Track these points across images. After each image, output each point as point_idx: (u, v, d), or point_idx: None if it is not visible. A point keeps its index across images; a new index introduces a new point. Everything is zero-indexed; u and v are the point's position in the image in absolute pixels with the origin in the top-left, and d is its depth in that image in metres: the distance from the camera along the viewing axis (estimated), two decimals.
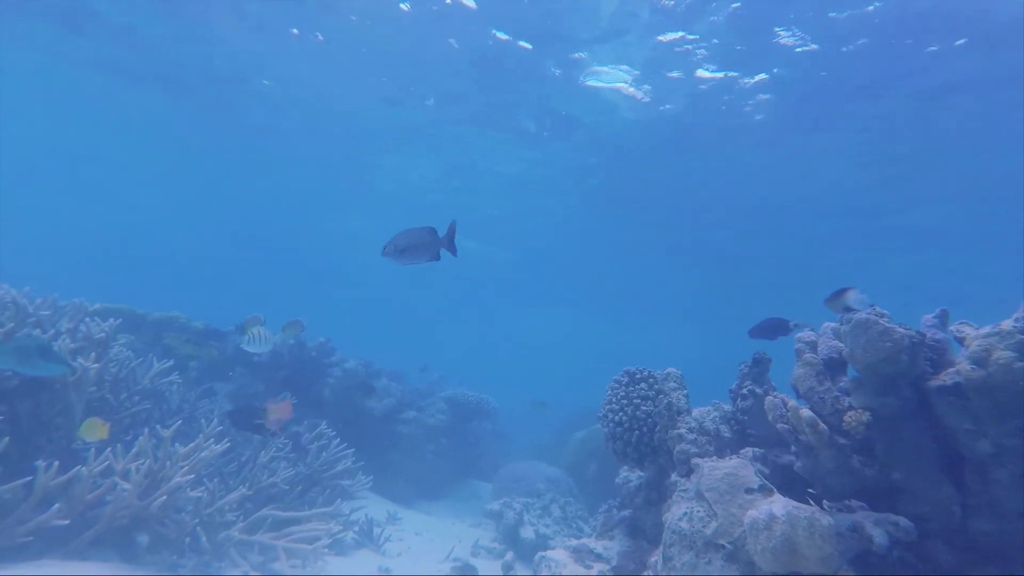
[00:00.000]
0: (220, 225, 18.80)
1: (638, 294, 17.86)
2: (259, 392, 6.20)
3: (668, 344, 26.31)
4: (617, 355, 25.77)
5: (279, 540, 3.54)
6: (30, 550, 2.70)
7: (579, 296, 19.70)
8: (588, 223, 12.51)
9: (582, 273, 16.46)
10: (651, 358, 3.45)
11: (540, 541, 4.52)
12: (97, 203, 18.55)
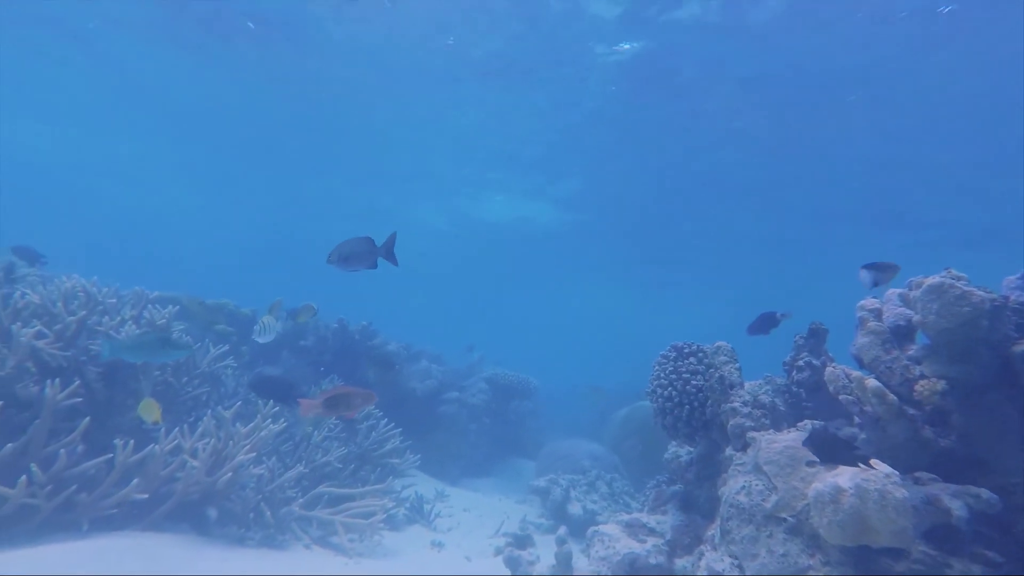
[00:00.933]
0: (260, 211, 19.12)
1: (676, 269, 17.55)
2: (306, 375, 6.40)
3: (701, 322, 25.84)
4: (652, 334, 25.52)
5: (336, 515, 3.68)
6: (114, 521, 2.88)
7: (615, 273, 19.48)
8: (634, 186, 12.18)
9: (618, 246, 16.22)
10: (686, 335, 3.39)
11: (588, 516, 4.55)
12: (131, 189, 19.12)
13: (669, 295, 22.80)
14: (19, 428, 2.66)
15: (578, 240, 15.96)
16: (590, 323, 36.65)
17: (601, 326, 36.81)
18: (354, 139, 11.80)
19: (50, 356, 2.85)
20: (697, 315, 24.53)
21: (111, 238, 28.27)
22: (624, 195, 12.36)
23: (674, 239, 14.79)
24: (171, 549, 2.83)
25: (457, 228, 16.59)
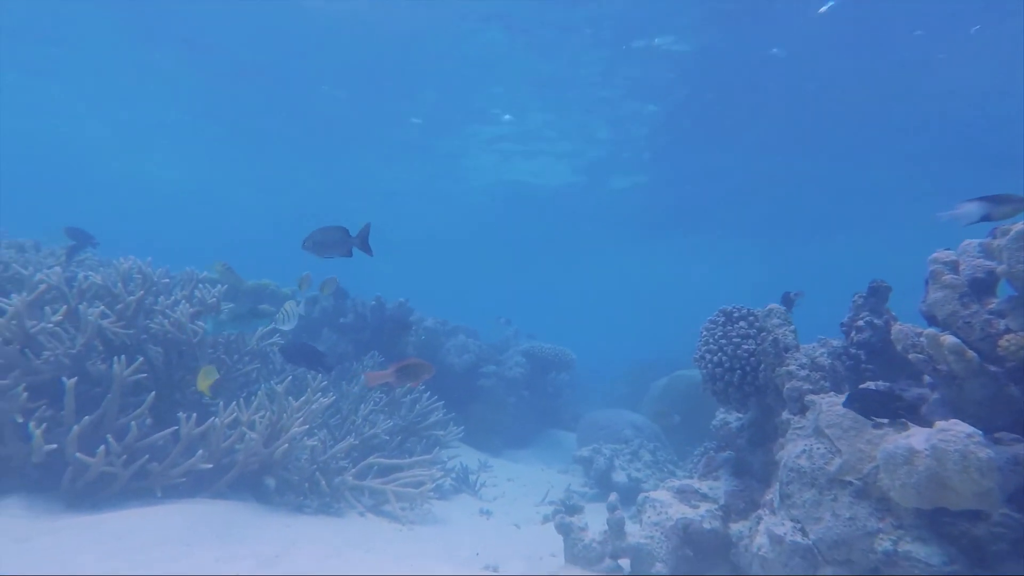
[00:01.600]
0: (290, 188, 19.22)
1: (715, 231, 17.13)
2: (347, 352, 6.53)
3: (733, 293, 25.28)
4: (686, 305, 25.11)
5: (387, 485, 3.77)
6: (183, 489, 3.03)
7: (651, 240, 19.15)
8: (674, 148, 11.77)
9: (656, 212, 15.87)
10: (721, 302, 3.31)
11: (633, 484, 4.56)
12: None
13: (703, 264, 22.35)
14: (92, 402, 2.79)
15: (616, 203, 15.57)
16: (623, 296, 36.35)
17: (633, 298, 36.48)
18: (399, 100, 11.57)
19: (114, 335, 2.97)
20: (728, 286, 24.02)
21: (143, 220, 28.92)
22: (677, 146, 11.78)
23: (724, 194, 14.21)
24: (239, 515, 2.96)
25: (490, 191, 16.22)
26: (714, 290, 25.99)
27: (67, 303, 2.77)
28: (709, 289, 26.05)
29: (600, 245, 20.67)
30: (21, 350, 2.56)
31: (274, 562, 2.23)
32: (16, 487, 2.57)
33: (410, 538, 3.26)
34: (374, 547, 2.96)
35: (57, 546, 2.15)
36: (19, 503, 2.47)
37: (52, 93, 12.98)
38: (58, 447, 2.50)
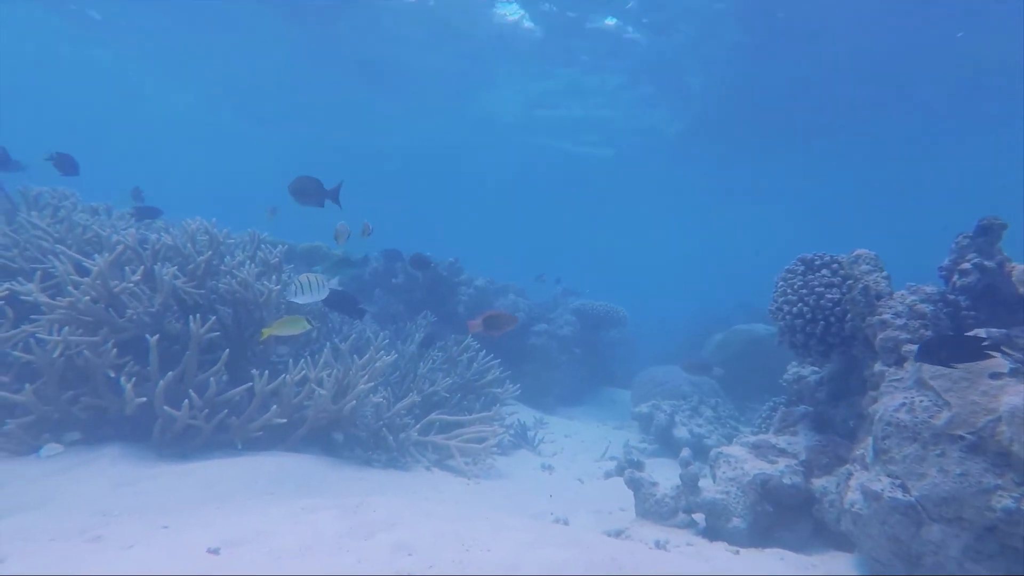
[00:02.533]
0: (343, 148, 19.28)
1: (763, 189, 16.31)
2: (400, 312, 6.61)
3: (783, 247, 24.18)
4: (736, 260, 24.12)
5: (451, 440, 3.82)
6: (260, 443, 3.14)
7: (696, 198, 18.46)
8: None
9: (705, 168, 15.19)
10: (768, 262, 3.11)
11: (695, 440, 4.47)
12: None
13: (750, 220, 21.41)
14: (170, 358, 2.90)
15: (664, 155, 14.94)
16: (671, 254, 35.49)
17: (681, 256, 35.57)
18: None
19: (186, 294, 3.05)
20: (774, 243, 22.99)
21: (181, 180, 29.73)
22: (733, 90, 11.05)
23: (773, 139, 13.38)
24: (314, 467, 3.06)
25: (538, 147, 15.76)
26: (761, 247, 24.98)
27: (143, 263, 2.84)
28: (757, 246, 25.04)
29: (647, 202, 20.04)
30: (106, 308, 2.66)
31: (356, 511, 2.28)
32: (112, 436, 2.73)
33: (477, 491, 3.31)
34: (445, 499, 3.01)
35: (159, 491, 2.27)
36: (118, 451, 2.61)
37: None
38: (147, 400, 2.61)
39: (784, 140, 13.19)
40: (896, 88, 10.19)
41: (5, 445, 2.42)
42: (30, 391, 2.43)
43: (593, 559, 1.92)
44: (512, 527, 2.31)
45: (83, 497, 2.14)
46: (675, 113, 12.62)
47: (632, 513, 2.98)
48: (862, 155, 13.76)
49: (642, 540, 2.54)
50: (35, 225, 2.94)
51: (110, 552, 1.61)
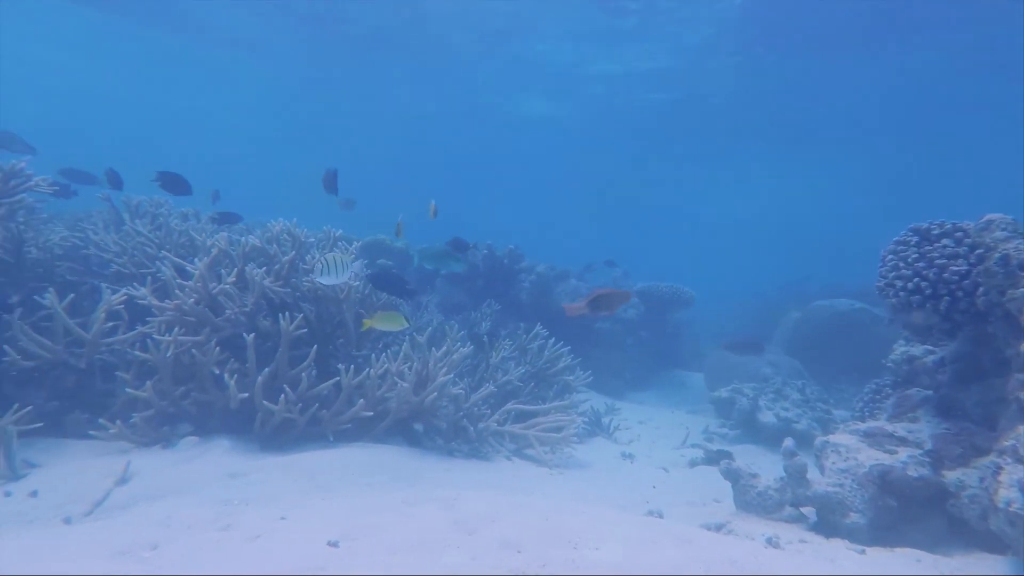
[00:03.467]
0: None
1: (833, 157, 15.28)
2: (463, 302, 6.64)
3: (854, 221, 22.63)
4: (801, 233, 22.82)
5: (528, 430, 3.79)
6: (349, 435, 3.22)
7: (759, 164, 17.53)
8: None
9: (768, 131, 14.33)
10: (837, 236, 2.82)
11: (783, 425, 4.25)
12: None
13: (814, 188, 20.13)
14: (263, 355, 2.99)
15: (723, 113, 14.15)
16: (730, 230, 34.11)
17: (741, 232, 34.12)
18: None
19: (273, 293, 3.13)
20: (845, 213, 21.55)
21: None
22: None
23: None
24: (401, 458, 3.10)
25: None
26: (826, 219, 23.53)
27: (235, 265, 2.93)
28: (821, 219, 23.60)
29: (706, 170, 19.16)
30: (206, 309, 2.77)
31: (454, 504, 2.28)
32: (219, 428, 2.86)
33: (563, 482, 3.26)
34: (534, 490, 2.99)
35: (268, 481, 2.35)
36: (227, 443, 2.74)
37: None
38: (247, 395, 2.71)
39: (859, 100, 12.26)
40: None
41: (132, 437, 2.58)
42: (150, 387, 2.57)
43: (711, 560, 1.83)
44: (613, 522, 2.24)
45: (205, 486, 2.24)
46: (738, 63, 11.81)
47: (729, 505, 2.85)
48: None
49: (748, 535, 2.42)
50: (139, 233, 3.10)
51: (241, 542, 1.66)
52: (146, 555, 1.48)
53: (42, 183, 2.68)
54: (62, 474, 2.23)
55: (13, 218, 2.62)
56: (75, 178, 4.23)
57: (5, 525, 1.79)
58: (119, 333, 2.76)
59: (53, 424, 2.54)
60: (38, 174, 2.66)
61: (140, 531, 1.62)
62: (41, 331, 2.60)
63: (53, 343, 2.57)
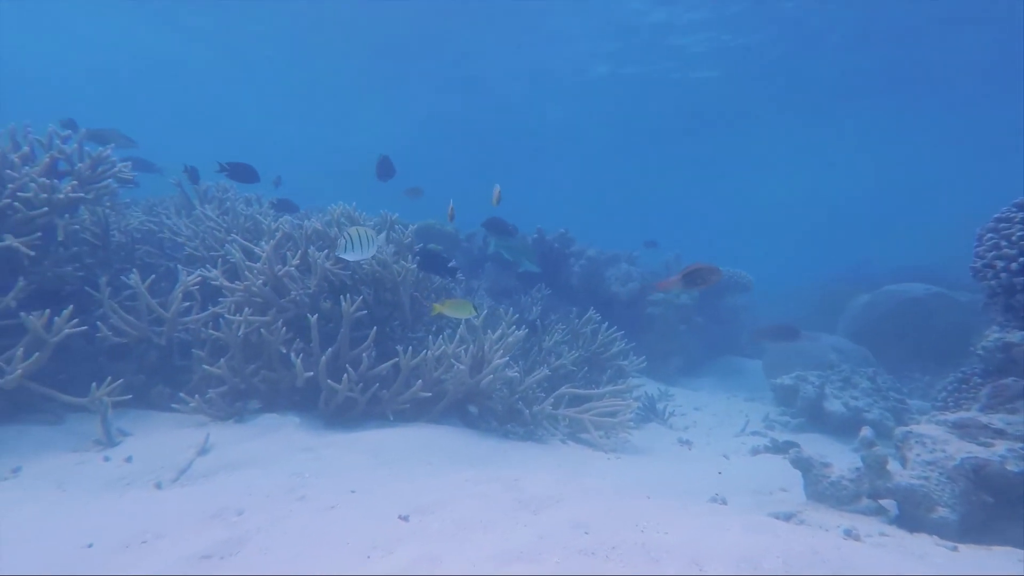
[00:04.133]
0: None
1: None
2: (513, 286, 6.63)
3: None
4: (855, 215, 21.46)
5: (583, 414, 3.76)
6: (407, 415, 3.28)
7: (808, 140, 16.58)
8: None
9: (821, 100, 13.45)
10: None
11: (852, 415, 4.04)
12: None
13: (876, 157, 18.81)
14: (325, 336, 3.08)
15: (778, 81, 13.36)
16: (782, 214, 32.63)
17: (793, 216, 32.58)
18: None
19: (334, 275, 3.20)
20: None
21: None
22: None
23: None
24: (459, 438, 3.14)
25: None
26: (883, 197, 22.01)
27: (298, 248, 3.01)
28: (872, 199, 22.09)
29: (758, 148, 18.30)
30: (273, 291, 2.86)
31: (515, 485, 2.28)
32: (286, 406, 2.97)
33: (620, 466, 3.22)
34: (592, 473, 2.96)
35: (335, 456, 2.42)
36: (293, 419, 2.84)
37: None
38: (313, 374, 2.79)
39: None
40: None
41: (209, 411, 2.72)
42: (223, 364, 2.70)
43: (789, 550, 1.74)
44: (678, 507, 2.18)
45: (278, 458, 2.33)
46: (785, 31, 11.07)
47: (798, 495, 2.73)
48: None
49: (821, 526, 2.31)
50: (209, 217, 3.24)
51: (318, 512, 1.71)
52: (234, 519, 1.55)
53: (125, 169, 2.83)
54: (150, 443, 2.38)
55: (100, 203, 2.79)
56: (138, 167, 4.43)
57: (109, 487, 1.93)
58: (193, 313, 2.90)
59: (139, 396, 2.71)
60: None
61: (226, 498, 1.70)
62: (126, 310, 2.76)
63: (138, 321, 2.72)
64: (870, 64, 12.00)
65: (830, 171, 20.81)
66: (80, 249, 2.84)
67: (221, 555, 1.36)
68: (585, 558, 1.65)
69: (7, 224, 2.46)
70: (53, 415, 2.51)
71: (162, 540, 1.39)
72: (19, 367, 2.19)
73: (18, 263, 2.44)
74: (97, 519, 1.46)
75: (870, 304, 6.04)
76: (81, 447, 2.33)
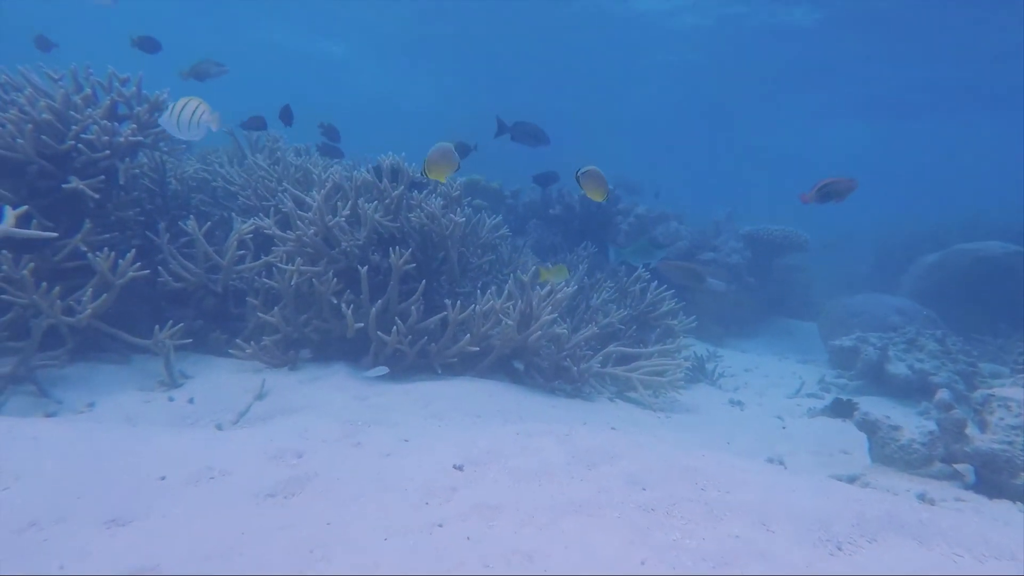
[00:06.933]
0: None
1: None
2: (558, 243, 6.50)
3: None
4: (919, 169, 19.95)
5: (632, 373, 3.68)
6: (454, 369, 3.29)
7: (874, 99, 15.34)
8: None
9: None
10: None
11: (918, 378, 3.82)
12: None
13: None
14: (374, 288, 3.08)
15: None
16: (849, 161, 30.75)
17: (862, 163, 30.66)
18: None
19: (383, 228, 3.17)
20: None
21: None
22: None
23: None
24: (507, 394, 3.13)
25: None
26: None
27: (348, 198, 2.99)
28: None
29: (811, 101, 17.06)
30: (324, 241, 2.86)
31: (568, 439, 2.25)
32: (338, 355, 3.02)
33: (671, 425, 3.16)
34: (643, 431, 2.91)
35: (387, 406, 2.45)
36: (344, 369, 2.89)
37: None
38: (363, 326, 2.81)
39: None
40: None
41: (264, 358, 2.80)
42: (277, 313, 2.74)
43: (864, 512, 1.65)
44: (737, 466, 2.10)
45: (331, 405, 2.38)
46: None
47: (861, 458, 2.61)
48: None
49: (890, 490, 2.19)
50: (260, 167, 3.24)
51: (374, 458, 1.73)
52: (293, 462, 1.57)
53: None
54: (210, 386, 2.46)
55: (157, 147, 2.82)
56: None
57: (173, 425, 2.01)
58: (247, 261, 2.94)
59: (199, 341, 2.80)
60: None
61: (285, 440, 1.73)
62: (184, 257, 2.82)
63: (195, 267, 2.78)
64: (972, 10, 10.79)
65: (900, 122, 19.23)
66: (140, 194, 2.89)
67: (285, 494, 1.38)
68: (645, 514, 1.61)
69: (71, 167, 2.51)
70: (119, 354, 2.63)
71: (228, 477, 1.42)
72: (89, 307, 2.28)
73: (83, 206, 2.51)
74: (167, 454, 1.50)
75: (938, 264, 5.63)
76: (147, 386, 2.44)
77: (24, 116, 2.43)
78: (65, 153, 2.50)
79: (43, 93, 2.59)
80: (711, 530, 1.54)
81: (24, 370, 2.21)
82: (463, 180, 6.68)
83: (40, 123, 2.44)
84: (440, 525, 1.35)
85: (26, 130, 2.39)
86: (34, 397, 2.23)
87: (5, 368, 2.16)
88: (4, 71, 2.66)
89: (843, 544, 1.42)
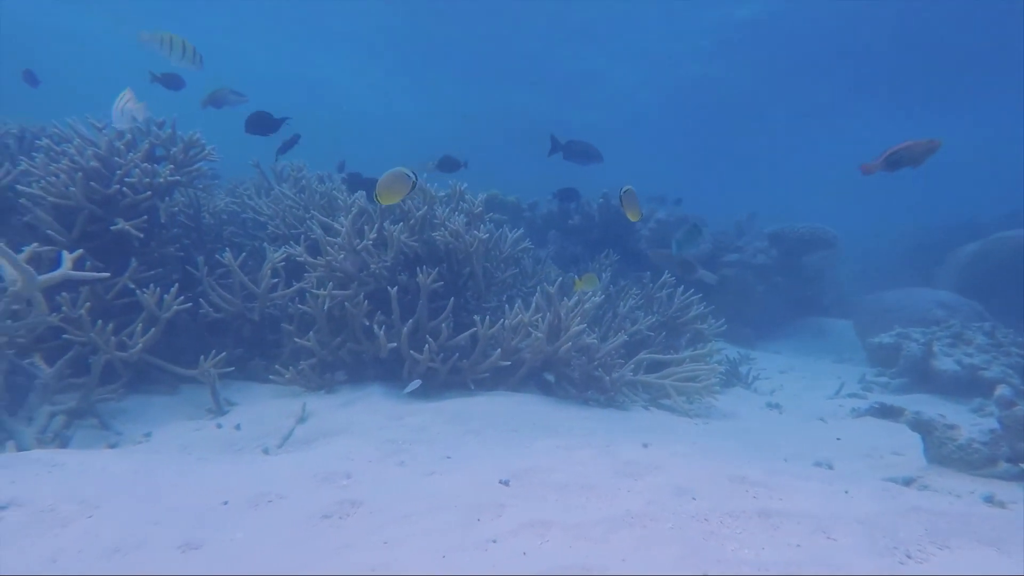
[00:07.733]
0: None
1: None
2: (578, 254, 6.49)
3: None
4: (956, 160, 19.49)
5: (664, 379, 3.63)
6: (486, 384, 3.28)
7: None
8: None
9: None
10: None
11: (967, 373, 3.68)
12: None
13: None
14: (403, 308, 3.10)
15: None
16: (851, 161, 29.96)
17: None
18: None
19: (408, 248, 3.21)
20: None
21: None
22: None
23: None
24: (540, 406, 3.11)
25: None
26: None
27: (374, 222, 3.03)
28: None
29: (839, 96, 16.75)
30: (353, 265, 2.90)
31: (608, 450, 2.22)
32: (373, 376, 3.05)
33: (711, 432, 3.09)
34: (682, 439, 2.85)
35: (424, 425, 2.45)
36: (379, 389, 2.91)
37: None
38: (395, 345, 2.82)
39: None
40: None
41: (302, 382, 2.84)
42: (312, 337, 2.78)
43: (931, 517, 1.59)
44: (789, 473, 2.05)
45: (370, 426, 2.39)
46: None
47: (915, 459, 2.52)
48: None
49: (951, 492, 2.10)
50: (287, 196, 3.33)
51: (420, 476, 1.73)
52: (343, 483, 1.58)
53: (212, 152, 2.94)
54: (253, 412, 2.50)
55: (193, 185, 2.92)
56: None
57: (224, 451, 2.04)
58: (279, 289, 3.00)
59: (239, 369, 2.86)
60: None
61: (332, 463, 1.75)
62: (221, 287, 2.89)
63: (233, 297, 2.85)
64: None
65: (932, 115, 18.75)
66: (178, 231, 2.99)
67: (339, 515, 1.39)
68: (699, 523, 1.57)
69: (117, 209, 2.62)
70: (167, 385, 2.70)
71: (284, 500, 1.43)
72: (140, 340, 2.35)
73: (129, 245, 2.60)
74: (224, 480, 1.53)
75: (980, 253, 5.45)
76: (196, 415, 2.50)
77: (74, 165, 2.55)
78: (111, 197, 2.61)
79: (90, 142, 2.72)
80: (769, 539, 1.50)
81: (87, 404, 2.29)
82: (483, 196, 6.78)
83: (88, 171, 2.56)
84: (494, 541, 1.34)
85: (77, 178, 2.50)
86: (96, 430, 2.31)
87: (71, 404, 2.25)
88: (55, 124, 2.82)
89: (912, 552, 1.37)
